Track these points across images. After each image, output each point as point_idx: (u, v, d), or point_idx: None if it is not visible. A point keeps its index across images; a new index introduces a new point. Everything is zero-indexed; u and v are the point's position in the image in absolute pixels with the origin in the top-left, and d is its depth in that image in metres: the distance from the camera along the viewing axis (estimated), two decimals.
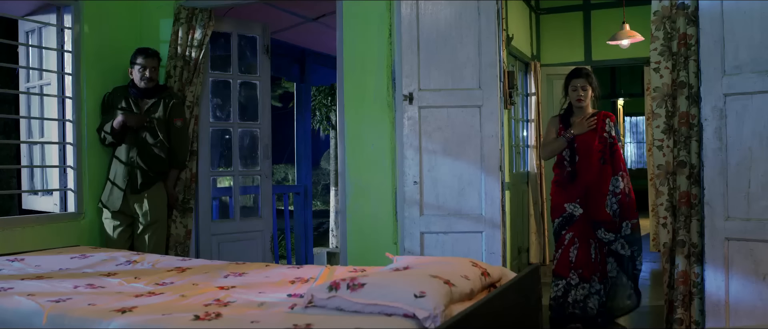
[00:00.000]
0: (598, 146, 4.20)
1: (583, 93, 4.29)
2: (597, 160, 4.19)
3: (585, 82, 4.28)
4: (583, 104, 4.27)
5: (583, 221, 4.18)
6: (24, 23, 4.57)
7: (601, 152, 4.20)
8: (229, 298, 2.19)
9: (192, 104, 4.56)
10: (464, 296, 2.01)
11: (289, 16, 5.81)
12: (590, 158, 4.20)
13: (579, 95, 4.27)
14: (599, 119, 4.26)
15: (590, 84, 4.30)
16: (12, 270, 2.83)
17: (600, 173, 4.18)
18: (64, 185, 4.32)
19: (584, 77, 4.30)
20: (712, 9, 3.36)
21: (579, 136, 4.22)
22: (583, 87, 4.28)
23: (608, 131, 4.24)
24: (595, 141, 4.21)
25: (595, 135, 4.23)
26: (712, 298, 3.37)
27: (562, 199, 4.24)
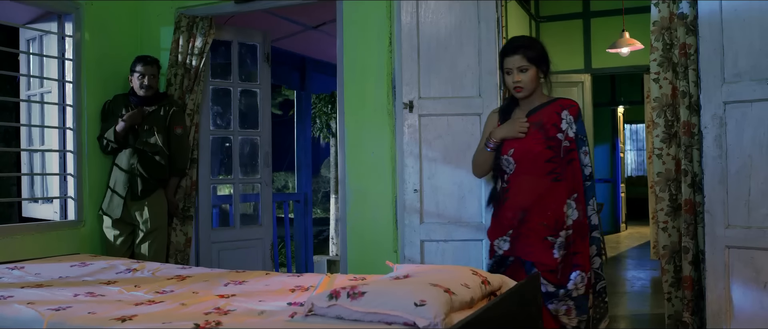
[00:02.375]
0: (545, 154, 2.95)
1: (522, 76, 2.97)
2: (543, 174, 2.95)
3: (522, 59, 2.97)
4: (524, 92, 3.01)
5: (517, 267, 2.99)
6: (25, 31, 4.58)
7: (551, 161, 2.95)
8: (229, 306, 2.19)
9: (192, 111, 4.57)
10: (464, 304, 2.01)
11: (289, 25, 5.83)
12: (533, 171, 2.96)
13: (517, 81, 2.99)
14: (549, 112, 3.01)
15: (532, 60, 2.98)
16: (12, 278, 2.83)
17: (546, 195, 2.94)
18: (64, 192, 4.32)
19: (520, 52, 2.98)
20: (712, 17, 3.37)
21: (514, 141, 3.01)
22: (521, 68, 2.97)
23: (564, 129, 2.97)
24: (540, 146, 2.97)
25: (542, 137, 2.98)
26: (713, 306, 3.37)
27: (491, 232, 3.09)
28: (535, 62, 2.99)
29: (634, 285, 6.31)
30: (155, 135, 4.24)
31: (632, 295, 5.86)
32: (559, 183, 2.94)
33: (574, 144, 2.97)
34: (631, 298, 5.74)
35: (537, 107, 3.04)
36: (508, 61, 3.00)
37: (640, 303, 5.59)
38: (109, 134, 4.22)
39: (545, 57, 3.05)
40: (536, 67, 3.00)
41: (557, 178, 2.94)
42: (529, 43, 3.05)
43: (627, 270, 7.33)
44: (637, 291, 6.01)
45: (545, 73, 3.07)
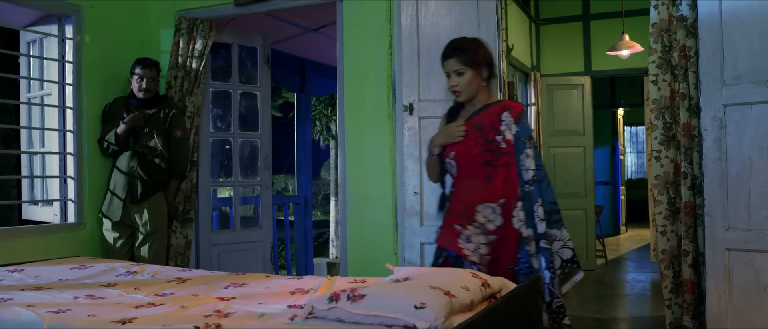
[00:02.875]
0: (482, 157, 2.87)
1: (459, 79, 2.90)
2: (482, 177, 2.87)
3: (457, 63, 2.89)
4: (461, 96, 2.94)
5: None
6: (25, 34, 4.58)
7: (488, 164, 2.86)
8: (229, 309, 2.19)
9: (192, 114, 4.57)
10: (464, 307, 2.01)
11: (289, 27, 5.83)
12: (473, 173, 2.90)
13: (453, 85, 2.92)
14: (490, 114, 2.91)
15: (468, 63, 2.89)
16: (12, 281, 2.83)
17: (481, 198, 2.85)
18: (64, 195, 4.32)
19: (455, 56, 2.90)
20: (711, 20, 3.37)
21: (455, 144, 2.96)
22: (457, 71, 2.90)
23: (503, 131, 2.87)
24: (477, 148, 2.90)
25: (480, 139, 2.89)
26: (713, 308, 3.36)
27: (440, 239, 2.98)
28: (473, 65, 2.89)
29: (634, 288, 6.30)
30: (155, 138, 4.24)
31: (632, 298, 5.86)
32: (490, 185, 2.84)
33: (511, 147, 2.84)
34: (631, 301, 5.74)
35: (479, 109, 2.95)
36: (445, 64, 2.94)
37: (640, 305, 5.59)
38: (110, 136, 4.22)
39: (487, 59, 2.95)
40: (474, 70, 2.89)
41: (490, 175, 2.85)
42: (465, 46, 2.93)
43: (627, 272, 7.33)
44: (637, 294, 6.01)
45: (489, 75, 2.97)
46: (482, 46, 2.95)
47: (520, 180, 2.82)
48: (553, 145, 7.05)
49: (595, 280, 6.63)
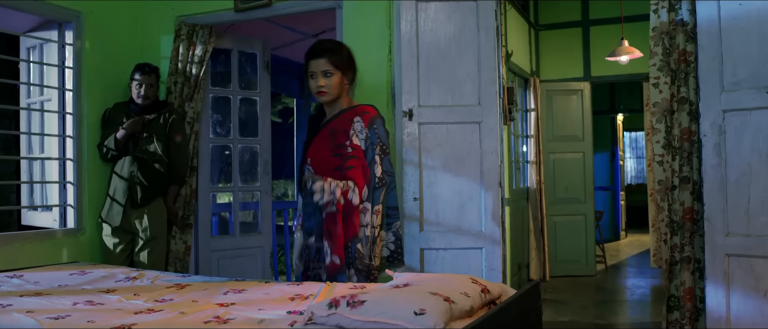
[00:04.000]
0: (332, 161, 2.90)
1: (326, 80, 2.92)
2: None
3: (327, 63, 2.91)
4: (326, 97, 2.95)
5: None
6: (25, 39, 4.59)
7: (339, 169, 2.87)
8: (228, 315, 2.18)
9: (192, 119, 4.57)
10: (464, 313, 2.00)
11: (289, 33, 5.84)
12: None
13: (320, 85, 2.93)
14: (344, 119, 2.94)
15: (337, 65, 2.93)
16: (11, 287, 2.82)
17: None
18: (63, 200, 4.32)
19: (326, 56, 2.92)
20: (711, 26, 3.38)
21: (309, 149, 3.00)
22: (325, 72, 2.92)
23: (351, 136, 2.89)
24: (326, 153, 2.94)
25: (330, 144, 2.93)
26: (713, 314, 3.36)
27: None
28: (341, 68, 2.94)
29: (634, 294, 6.30)
30: (155, 143, 4.24)
31: (632, 303, 5.85)
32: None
33: (359, 151, 2.87)
34: (631, 306, 5.73)
35: (336, 114, 2.98)
36: (313, 64, 2.94)
37: (640, 311, 5.58)
38: (110, 141, 4.22)
39: (352, 64, 3.02)
40: (341, 73, 2.95)
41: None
42: (336, 47, 2.99)
43: (627, 278, 7.32)
44: (637, 300, 6.00)
45: (351, 80, 3.03)
46: (350, 51, 3.04)
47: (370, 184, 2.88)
48: (553, 150, 7.05)
49: (595, 286, 6.62)
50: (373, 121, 2.92)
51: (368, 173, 2.88)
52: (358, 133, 2.89)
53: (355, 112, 2.94)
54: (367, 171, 2.89)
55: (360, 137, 2.88)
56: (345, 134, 2.89)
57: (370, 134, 2.88)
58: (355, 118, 2.91)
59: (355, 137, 2.88)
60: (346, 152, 2.87)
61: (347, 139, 2.88)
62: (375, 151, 2.89)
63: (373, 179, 2.87)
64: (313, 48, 2.98)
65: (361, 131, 2.89)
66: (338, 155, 2.88)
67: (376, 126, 2.92)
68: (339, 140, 2.90)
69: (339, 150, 2.89)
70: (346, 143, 2.88)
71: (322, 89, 2.92)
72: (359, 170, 2.85)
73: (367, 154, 2.88)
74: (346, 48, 3.05)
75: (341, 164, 2.86)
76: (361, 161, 2.86)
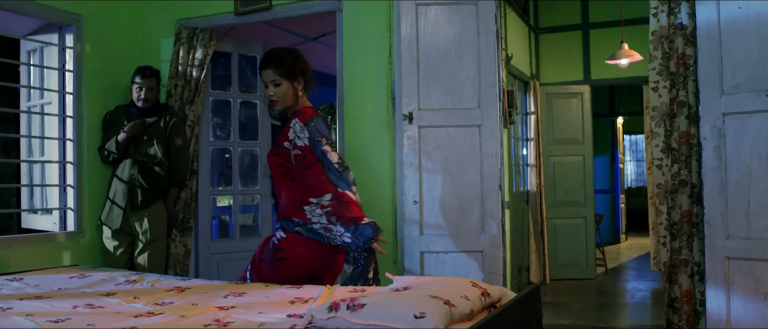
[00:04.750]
0: (273, 160, 3.02)
1: (275, 90, 3.02)
2: (281, 177, 3.01)
3: (274, 73, 2.99)
4: (278, 105, 3.07)
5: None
6: (26, 43, 4.59)
7: (281, 166, 2.99)
8: (228, 318, 2.18)
9: (193, 123, 4.58)
10: (464, 316, 2.00)
11: (289, 36, 5.84)
12: (275, 177, 3.07)
13: (270, 94, 3.04)
14: (287, 122, 3.05)
15: (284, 75, 2.99)
16: (11, 290, 2.82)
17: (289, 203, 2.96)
18: (63, 204, 4.32)
19: (272, 66, 3.00)
20: (710, 29, 3.38)
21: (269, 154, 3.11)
22: (273, 81, 3.01)
23: (291, 138, 2.97)
24: (270, 153, 3.08)
25: (273, 145, 3.12)
26: (713, 317, 3.36)
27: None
28: (289, 76, 3.01)
29: (634, 297, 6.29)
30: (155, 146, 4.25)
31: (632, 307, 5.85)
32: (295, 183, 2.94)
33: (307, 150, 2.95)
34: (631, 310, 5.73)
35: (288, 117, 3.10)
36: (262, 74, 3.04)
37: (640, 314, 5.58)
38: (111, 144, 4.22)
39: (302, 70, 3.06)
40: (290, 81, 3.02)
41: (294, 178, 2.95)
42: (282, 56, 3.02)
43: (627, 281, 7.32)
44: (638, 303, 6.00)
45: (305, 85, 3.10)
46: (300, 58, 3.07)
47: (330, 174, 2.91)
48: (553, 153, 7.06)
49: (595, 289, 6.62)
50: (310, 119, 2.98)
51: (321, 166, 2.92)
52: (298, 134, 2.96)
53: (294, 114, 3.03)
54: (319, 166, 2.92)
55: (302, 137, 2.96)
56: (283, 136, 3.00)
57: (310, 131, 2.94)
58: (294, 120, 2.99)
59: (297, 139, 2.96)
60: (286, 153, 2.96)
61: (285, 140, 2.98)
62: (321, 143, 2.93)
63: (332, 167, 2.91)
64: (262, 58, 3.06)
65: (301, 131, 2.96)
66: (277, 154, 3.00)
67: (314, 123, 2.96)
68: (279, 141, 3.02)
69: (277, 150, 3.00)
70: (284, 145, 2.97)
71: (273, 98, 3.03)
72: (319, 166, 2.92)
73: (316, 150, 2.93)
74: (295, 54, 3.06)
75: (282, 161, 2.97)
76: (313, 157, 2.93)
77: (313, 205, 2.87)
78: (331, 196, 2.86)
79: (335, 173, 2.90)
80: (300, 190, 2.91)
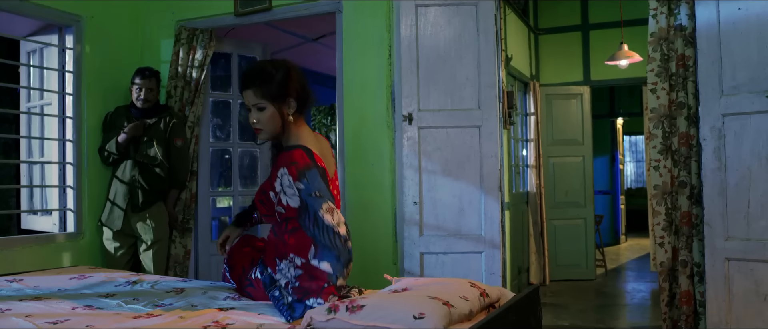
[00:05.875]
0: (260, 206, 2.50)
1: (260, 115, 2.42)
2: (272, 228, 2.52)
3: (255, 95, 2.40)
4: (262, 135, 2.48)
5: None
6: (26, 44, 4.59)
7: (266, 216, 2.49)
8: (227, 320, 2.18)
9: (193, 124, 4.58)
10: (463, 317, 2.00)
11: (289, 37, 5.85)
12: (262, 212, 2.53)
13: (252, 122, 2.45)
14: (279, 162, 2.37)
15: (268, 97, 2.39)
16: (10, 291, 2.82)
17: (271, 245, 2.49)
18: (63, 204, 4.32)
19: (253, 87, 2.40)
20: (710, 30, 3.38)
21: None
22: (256, 105, 2.42)
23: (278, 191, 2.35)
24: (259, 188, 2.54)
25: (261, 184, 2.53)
26: (713, 318, 3.36)
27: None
28: (275, 99, 2.38)
29: (634, 298, 6.29)
30: (155, 147, 4.25)
31: (632, 307, 5.84)
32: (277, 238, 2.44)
33: (293, 213, 2.32)
34: (631, 310, 5.73)
35: (282, 149, 2.46)
36: (243, 95, 2.44)
37: (639, 315, 5.58)
38: (111, 145, 4.22)
39: (292, 88, 2.41)
40: (276, 104, 2.38)
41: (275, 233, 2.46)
42: (266, 73, 2.39)
43: (627, 281, 7.32)
44: (637, 304, 5.99)
45: (299, 107, 2.44)
46: (291, 74, 2.42)
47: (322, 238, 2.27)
48: (553, 154, 7.06)
49: (595, 290, 6.62)
50: (302, 172, 2.30)
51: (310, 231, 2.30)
52: (285, 189, 2.31)
53: (285, 158, 2.34)
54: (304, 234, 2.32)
55: (290, 194, 2.31)
56: (270, 183, 2.39)
57: (304, 188, 2.28)
58: (282, 170, 2.32)
59: (282, 194, 2.33)
60: (269, 201, 2.39)
61: (271, 188, 2.37)
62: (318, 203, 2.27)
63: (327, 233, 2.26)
64: (242, 75, 2.49)
65: (289, 186, 2.30)
66: (261, 201, 2.46)
67: (307, 177, 2.30)
68: (265, 185, 2.44)
69: (262, 196, 2.45)
70: (269, 193, 2.39)
71: (256, 125, 2.43)
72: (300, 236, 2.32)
73: (308, 210, 2.28)
74: (285, 70, 2.42)
75: (266, 213, 2.45)
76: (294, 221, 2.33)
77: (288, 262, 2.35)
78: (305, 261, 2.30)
79: (328, 239, 2.26)
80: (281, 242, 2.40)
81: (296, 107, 2.44)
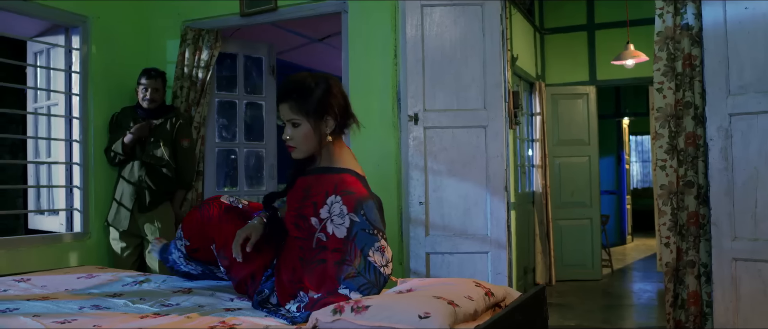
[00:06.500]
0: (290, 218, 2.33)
1: (295, 132, 2.26)
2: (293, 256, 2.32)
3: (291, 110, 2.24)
4: (295, 153, 2.31)
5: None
6: (32, 44, 4.61)
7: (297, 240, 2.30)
8: (234, 320, 2.18)
9: (199, 124, 4.59)
10: (468, 316, 2.00)
11: (294, 37, 5.86)
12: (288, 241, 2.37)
13: (286, 138, 2.30)
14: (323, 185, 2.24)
15: (306, 112, 2.22)
16: (18, 291, 2.83)
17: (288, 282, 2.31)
18: (70, 204, 4.33)
19: (290, 100, 2.23)
20: (717, 29, 3.37)
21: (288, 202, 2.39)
22: (292, 121, 2.25)
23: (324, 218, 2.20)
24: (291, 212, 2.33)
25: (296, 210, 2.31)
26: (720, 319, 3.35)
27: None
28: (312, 114, 2.21)
29: (640, 298, 6.27)
30: (161, 148, 4.26)
31: (639, 308, 5.83)
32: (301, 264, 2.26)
33: (336, 243, 2.14)
34: (637, 311, 5.71)
35: (316, 168, 2.32)
36: (279, 109, 2.28)
37: (646, 315, 5.56)
38: (117, 146, 4.24)
39: (331, 104, 2.24)
40: (314, 120, 2.22)
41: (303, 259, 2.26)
42: (304, 86, 2.22)
43: (633, 282, 7.30)
44: (644, 304, 5.98)
45: (338, 125, 2.28)
46: (332, 88, 2.26)
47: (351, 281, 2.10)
48: (558, 154, 7.04)
49: (602, 290, 6.60)
50: (359, 204, 2.14)
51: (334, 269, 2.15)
52: (334, 217, 2.16)
53: (335, 185, 2.19)
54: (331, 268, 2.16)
55: (338, 225, 2.15)
56: (313, 207, 2.22)
57: (359, 221, 2.12)
58: (332, 197, 2.17)
59: (329, 222, 2.16)
60: (312, 231, 2.21)
61: (314, 214, 2.21)
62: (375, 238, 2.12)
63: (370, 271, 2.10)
64: (279, 87, 2.31)
65: (339, 216, 2.15)
66: (297, 225, 2.28)
67: (364, 210, 2.14)
68: (305, 211, 2.24)
69: (299, 221, 2.26)
70: (312, 221, 2.21)
71: (290, 142, 2.27)
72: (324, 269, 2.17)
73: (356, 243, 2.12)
74: (326, 84, 2.25)
75: (300, 236, 2.26)
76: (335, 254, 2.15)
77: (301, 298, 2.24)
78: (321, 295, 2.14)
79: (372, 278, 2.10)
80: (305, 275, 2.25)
81: (334, 126, 2.27)
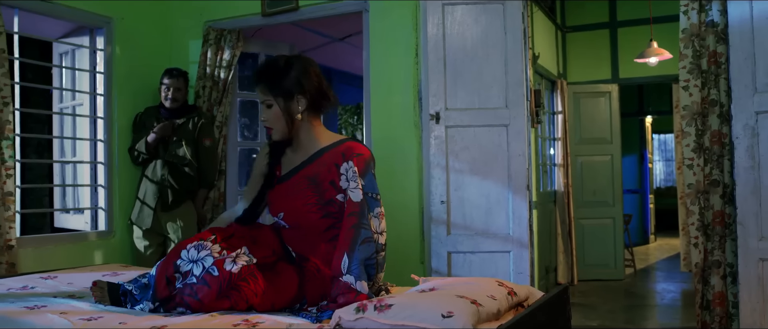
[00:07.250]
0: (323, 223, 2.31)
1: (269, 113, 2.30)
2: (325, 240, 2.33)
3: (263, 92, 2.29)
4: (273, 134, 2.33)
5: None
6: (58, 45, 4.68)
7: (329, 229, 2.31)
8: (257, 319, 2.20)
9: (221, 123, 4.62)
10: (491, 316, 2.00)
11: (315, 37, 5.87)
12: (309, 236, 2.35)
13: (262, 119, 2.36)
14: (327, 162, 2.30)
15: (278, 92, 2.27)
16: (45, 288, 2.87)
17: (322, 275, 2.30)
18: (94, 203, 4.39)
19: (263, 83, 2.28)
20: (743, 26, 3.32)
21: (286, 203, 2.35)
22: (266, 103, 2.30)
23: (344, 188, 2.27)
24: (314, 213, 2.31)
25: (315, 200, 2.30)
26: (746, 320, 3.30)
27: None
28: (284, 95, 2.25)
29: (664, 298, 6.21)
30: (184, 147, 4.29)
31: (662, 308, 5.77)
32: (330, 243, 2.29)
33: (356, 208, 2.21)
34: (660, 311, 5.65)
35: (313, 155, 2.31)
36: (257, 92, 2.33)
37: (670, 316, 5.50)
38: (141, 145, 4.28)
39: (306, 85, 2.26)
40: (287, 100, 2.25)
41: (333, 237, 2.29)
42: (274, 68, 2.27)
43: (657, 282, 7.22)
44: (667, 304, 5.92)
45: (314, 105, 2.30)
46: (305, 68, 2.28)
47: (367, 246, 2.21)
48: (581, 153, 6.99)
49: (624, 290, 6.54)
50: (368, 165, 2.30)
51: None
52: (350, 181, 2.24)
53: (341, 154, 2.26)
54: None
55: (353, 187, 2.23)
56: (333, 187, 2.25)
57: (366, 184, 2.26)
58: (343, 164, 2.25)
59: (350, 191, 2.23)
60: (339, 210, 2.25)
61: (337, 192, 2.25)
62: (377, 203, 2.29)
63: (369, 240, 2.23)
64: (254, 71, 2.37)
65: (353, 179, 2.24)
66: (329, 214, 2.27)
67: (372, 171, 2.32)
68: (327, 194, 2.26)
69: (330, 208, 2.27)
70: (337, 198, 2.26)
71: (265, 124, 2.31)
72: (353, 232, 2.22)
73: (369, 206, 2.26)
74: (298, 65, 2.28)
75: (333, 223, 2.28)
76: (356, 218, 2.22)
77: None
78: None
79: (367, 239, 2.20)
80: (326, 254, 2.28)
81: (306, 105, 2.29)
